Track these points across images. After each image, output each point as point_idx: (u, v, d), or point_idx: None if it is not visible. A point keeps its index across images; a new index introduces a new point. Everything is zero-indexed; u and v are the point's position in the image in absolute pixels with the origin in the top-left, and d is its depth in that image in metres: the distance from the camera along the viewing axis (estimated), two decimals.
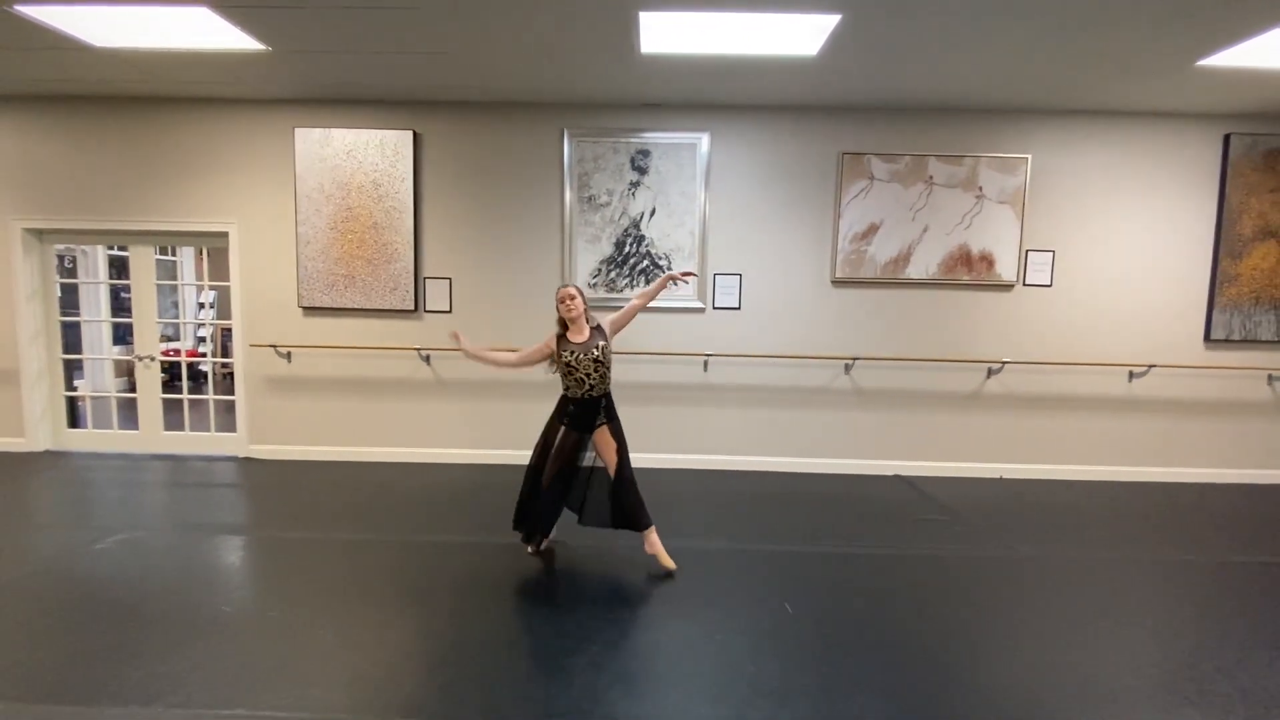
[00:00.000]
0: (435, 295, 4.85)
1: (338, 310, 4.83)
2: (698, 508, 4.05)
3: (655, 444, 4.95)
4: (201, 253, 6.15)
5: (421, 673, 2.23)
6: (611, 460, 3.07)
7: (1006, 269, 4.73)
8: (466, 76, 4.16)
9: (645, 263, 4.81)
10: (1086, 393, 4.84)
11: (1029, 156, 4.64)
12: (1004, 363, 4.78)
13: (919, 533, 3.71)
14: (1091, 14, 3.13)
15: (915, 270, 4.74)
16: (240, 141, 4.74)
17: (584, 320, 3.04)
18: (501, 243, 4.82)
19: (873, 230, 4.71)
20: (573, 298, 3.00)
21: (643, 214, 4.78)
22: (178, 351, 6.77)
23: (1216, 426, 4.86)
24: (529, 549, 3.25)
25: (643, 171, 4.75)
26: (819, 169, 4.71)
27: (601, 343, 3.02)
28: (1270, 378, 4.80)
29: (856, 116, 4.66)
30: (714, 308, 4.81)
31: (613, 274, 4.82)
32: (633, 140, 4.70)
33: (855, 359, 4.78)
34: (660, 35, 3.45)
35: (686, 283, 3.34)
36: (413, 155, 4.66)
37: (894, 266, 4.74)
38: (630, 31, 3.42)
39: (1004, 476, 4.87)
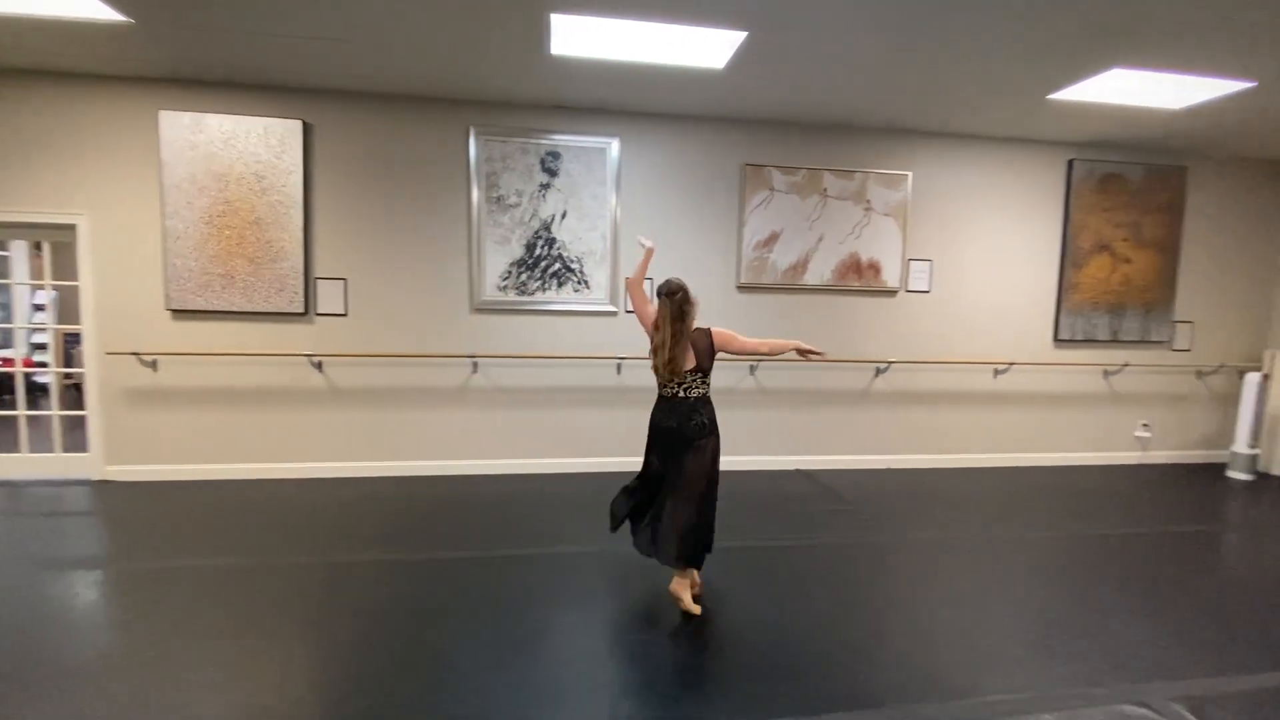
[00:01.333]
0: (328, 297, 4.52)
1: (214, 313, 4.38)
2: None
3: (570, 448, 4.90)
4: (39, 248, 5.35)
5: (329, 704, 2.07)
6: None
7: (891, 276, 5.13)
8: (365, 66, 3.93)
9: (557, 265, 4.75)
10: (959, 388, 5.35)
11: (910, 174, 5.06)
12: (890, 362, 5.17)
13: (822, 523, 3.92)
14: (962, 48, 3.47)
15: (812, 277, 5.02)
16: (93, 123, 4.18)
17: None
18: (403, 242, 4.58)
19: (774, 238, 4.94)
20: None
21: (554, 216, 4.72)
22: (9, 361, 5.86)
23: (1065, 415, 5.54)
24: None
25: (553, 173, 4.69)
26: (724, 178, 4.88)
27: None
28: (1105, 372, 5.54)
29: (758, 129, 4.87)
30: (626, 311, 4.84)
31: (523, 276, 4.72)
32: (542, 141, 4.64)
33: (760, 360, 4.99)
34: (571, 38, 3.43)
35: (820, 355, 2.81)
36: (302, 146, 4.32)
37: (793, 273, 5.00)
38: (541, 32, 3.37)
39: (891, 467, 5.27)
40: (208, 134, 4.23)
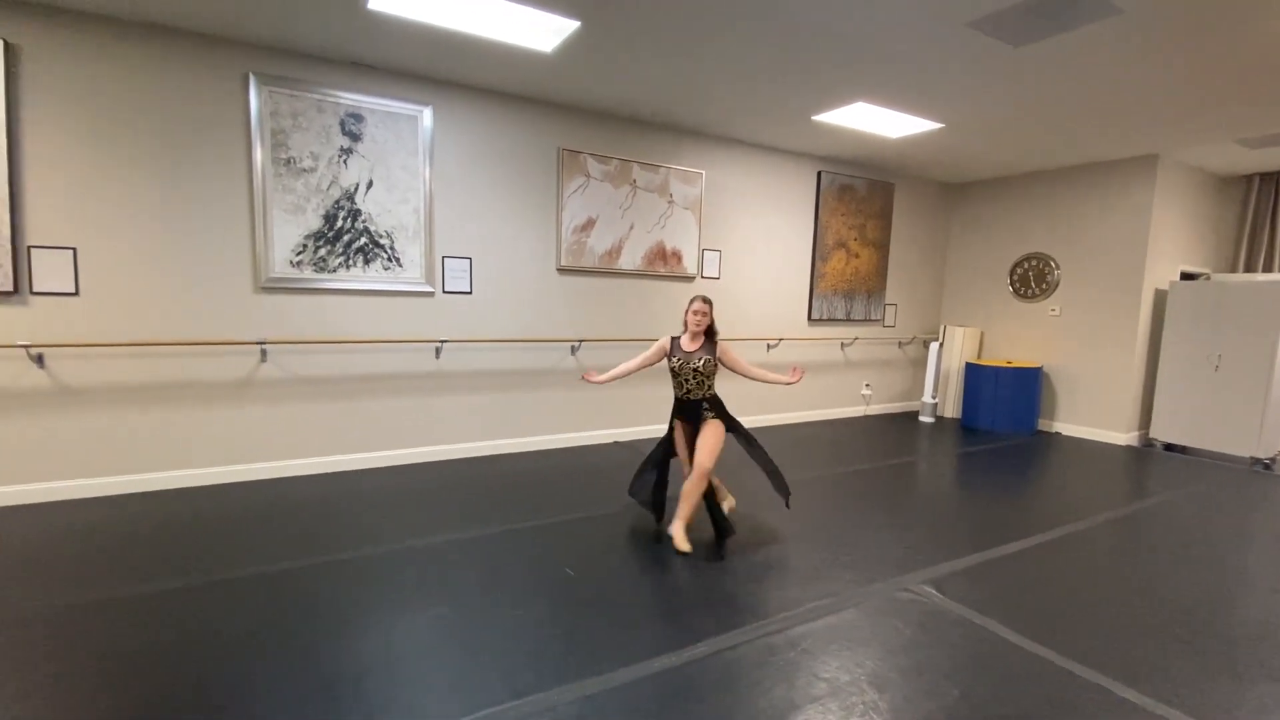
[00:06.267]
0: (49, 270, 3.54)
1: None
2: (449, 499, 3.94)
3: (390, 439, 4.58)
4: None
5: None
6: (706, 442, 3.25)
7: (690, 263, 5.73)
8: None
9: (363, 240, 4.35)
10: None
11: (704, 172, 5.68)
12: None
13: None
14: (748, 69, 4.04)
15: (625, 262, 5.37)
16: None
17: (704, 332, 3.35)
18: (157, 205, 3.77)
19: (591, 224, 5.16)
20: (706, 313, 3.32)
21: (358, 185, 4.30)
22: None
23: (816, 380, 6.79)
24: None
25: (356, 138, 4.26)
26: (543, 161, 4.93)
27: (707, 357, 3.32)
28: (842, 344, 6.91)
29: (576, 116, 5.01)
30: (444, 292, 4.64)
31: (323, 251, 4.23)
32: (342, 100, 4.18)
33: (581, 341, 5.20)
34: None
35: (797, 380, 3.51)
36: (3, 75, 3.28)
37: (609, 258, 5.29)
38: None
39: None
40: None
